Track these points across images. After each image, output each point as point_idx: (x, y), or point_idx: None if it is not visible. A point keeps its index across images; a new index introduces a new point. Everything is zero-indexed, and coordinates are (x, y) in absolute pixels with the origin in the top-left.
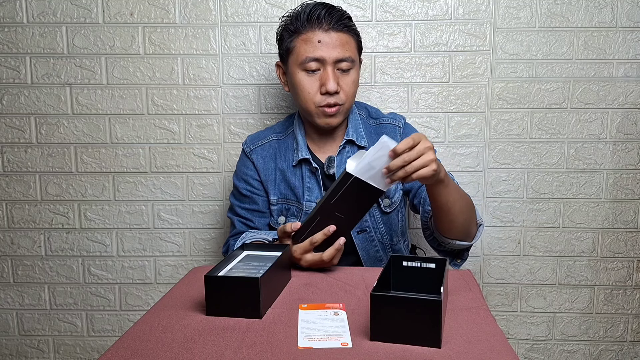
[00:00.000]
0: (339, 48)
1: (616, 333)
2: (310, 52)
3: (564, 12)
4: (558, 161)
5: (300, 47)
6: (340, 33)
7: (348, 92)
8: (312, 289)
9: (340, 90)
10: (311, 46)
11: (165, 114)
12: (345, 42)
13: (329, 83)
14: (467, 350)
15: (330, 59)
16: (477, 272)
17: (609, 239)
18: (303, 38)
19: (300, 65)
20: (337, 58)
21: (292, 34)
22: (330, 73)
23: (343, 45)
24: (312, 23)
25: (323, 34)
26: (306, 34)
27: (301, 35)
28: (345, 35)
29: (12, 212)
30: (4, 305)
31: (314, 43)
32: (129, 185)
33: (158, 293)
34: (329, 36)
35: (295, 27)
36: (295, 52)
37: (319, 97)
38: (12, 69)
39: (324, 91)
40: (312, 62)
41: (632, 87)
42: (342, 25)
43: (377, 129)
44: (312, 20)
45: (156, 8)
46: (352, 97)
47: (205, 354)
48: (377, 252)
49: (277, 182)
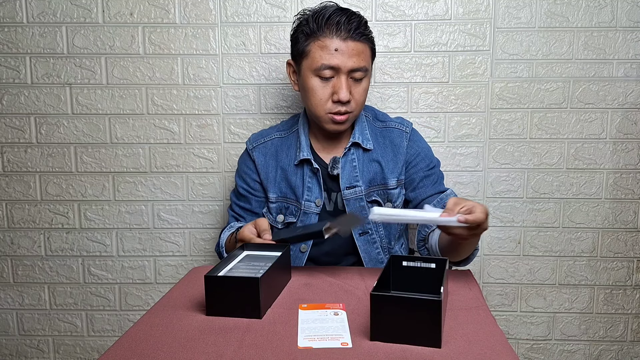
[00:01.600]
0: (355, 58)
1: (616, 333)
2: (326, 59)
3: (563, 12)
4: (558, 161)
5: (316, 52)
6: (358, 42)
7: (359, 101)
8: (312, 289)
9: (352, 99)
10: (327, 54)
11: (165, 114)
12: (361, 51)
13: (342, 92)
14: (467, 350)
15: (345, 68)
16: (477, 272)
17: (609, 239)
18: (320, 44)
19: (315, 71)
20: (352, 68)
21: (309, 36)
22: (343, 82)
23: (359, 54)
24: (331, 29)
25: (341, 42)
26: (323, 40)
27: (318, 41)
28: (361, 44)
29: (12, 212)
30: (4, 305)
31: (331, 51)
32: (129, 185)
33: (158, 293)
34: (346, 45)
35: (312, 29)
36: (311, 56)
37: (330, 105)
38: (12, 69)
39: (335, 99)
40: (327, 69)
41: (632, 87)
42: (359, 34)
43: (383, 132)
44: (331, 26)
45: (156, 8)
46: (362, 105)
47: (205, 354)
48: (378, 254)
49: (278, 181)
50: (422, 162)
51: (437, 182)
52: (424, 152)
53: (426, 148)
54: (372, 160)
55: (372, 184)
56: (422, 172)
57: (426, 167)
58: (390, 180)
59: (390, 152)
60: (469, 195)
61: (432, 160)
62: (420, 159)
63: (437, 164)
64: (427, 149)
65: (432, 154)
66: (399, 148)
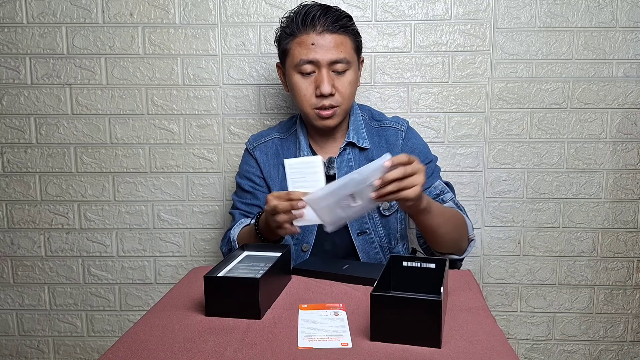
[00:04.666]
0: (333, 50)
1: (616, 333)
2: (304, 54)
3: (563, 12)
4: (558, 161)
5: (295, 49)
6: (335, 34)
7: (344, 93)
8: (312, 289)
9: (336, 92)
10: (305, 49)
11: (165, 114)
12: (340, 43)
13: (323, 85)
14: (467, 350)
15: (324, 61)
16: (477, 272)
17: (609, 239)
18: (297, 41)
19: (296, 67)
20: (331, 60)
21: (288, 36)
22: (324, 75)
23: (337, 46)
24: (307, 25)
25: (317, 36)
26: (300, 36)
27: (296, 38)
28: (340, 36)
29: (12, 212)
30: (4, 305)
31: (308, 46)
32: (128, 185)
33: (158, 293)
34: (322, 38)
35: (291, 29)
36: (291, 54)
37: (315, 100)
38: (12, 69)
39: (318, 93)
40: (306, 64)
41: (632, 87)
42: (337, 26)
43: (379, 131)
44: (307, 22)
45: (156, 8)
46: (350, 98)
47: (205, 354)
48: (377, 254)
49: (280, 179)
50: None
51: (430, 176)
52: (418, 148)
53: (421, 144)
54: (368, 159)
55: None
56: None
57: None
58: None
59: (385, 150)
60: (469, 195)
61: (427, 156)
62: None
63: (433, 159)
64: (422, 145)
65: (427, 150)
66: (394, 146)
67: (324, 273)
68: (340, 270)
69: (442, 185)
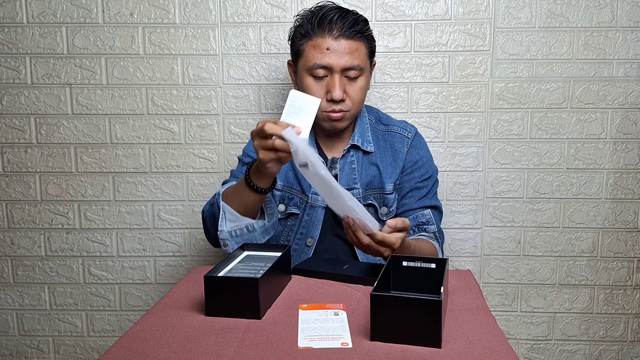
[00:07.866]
0: (348, 56)
1: (616, 333)
2: (318, 59)
3: (563, 12)
4: (558, 161)
5: (309, 52)
6: (351, 40)
7: (355, 99)
8: (312, 289)
9: (347, 98)
10: (320, 53)
11: (165, 114)
12: (355, 49)
13: (335, 91)
14: (467, 350)
15: (337, 67)
16: (477, 272)
17: (609, 239)
18: (312, 44)
19: (308, 70)
20: (344, 66)
21: (303, 37)
22: (337, 81)
23: (352, 53)
24: (323, 28)
25: (332, 41)
26: (316, 39)
27: (311, 40)
28: (355, 42)
29: (12, 212)
30: (4, 305)
31: (323, 50)
32: (129, 185)
33: (158, 293)
34: (338, 43)
35: (306, 30)
36: (304, 56)
37: (325, 103)
38: (12, 69)
39: (329, 98)
40: (319, 69)
41: (632, 87)
42: (353, 32)
43: (385, 135)
44: (324, 25)
45: (156, 8)
46: (360, 104)
47: (205, 354)
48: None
49: (286, 170)
50: (418, 171)
51: (424, 196)
52: (422, 160)
53: (425, 157)
54: (371, 163)
55: (369, 187)
56: (414, 182)
57: (420, 177)
58: (387, 185)
59: (389, 156)
60: (469, 195)
61: (427, 170)
62: (416, 167)
63: (433, 174)
64: (426, 157)
65: (430, 163)
66: (398, 153)
67: (324, 273)
68: (340, 270)
69: (430, 215)
